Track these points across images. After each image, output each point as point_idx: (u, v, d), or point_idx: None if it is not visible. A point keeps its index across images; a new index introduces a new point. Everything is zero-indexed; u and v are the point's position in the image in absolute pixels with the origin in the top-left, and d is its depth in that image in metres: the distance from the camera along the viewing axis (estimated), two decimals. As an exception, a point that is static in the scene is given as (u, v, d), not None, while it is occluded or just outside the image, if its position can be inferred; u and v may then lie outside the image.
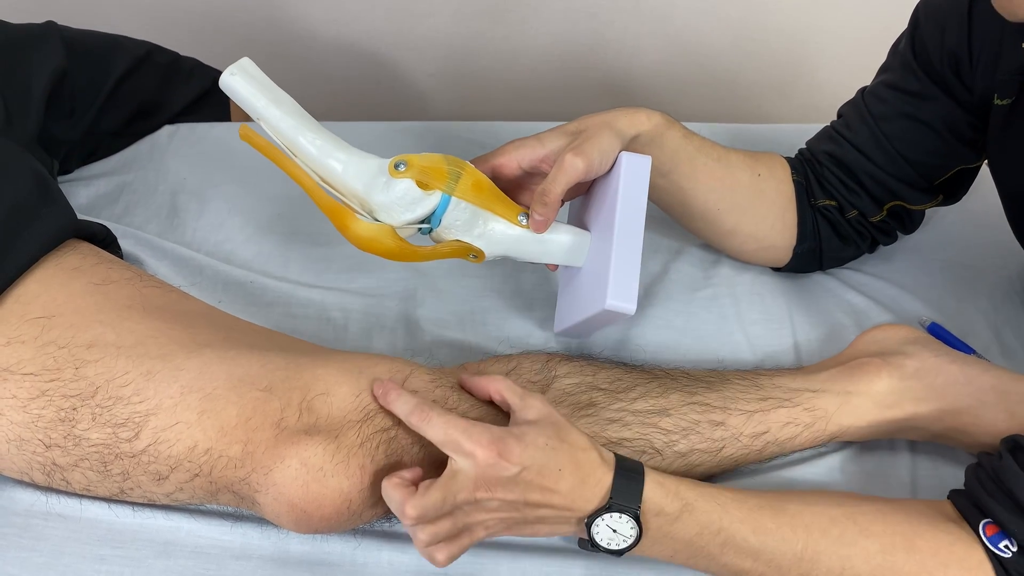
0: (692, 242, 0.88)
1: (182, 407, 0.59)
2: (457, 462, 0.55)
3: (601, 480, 0.56)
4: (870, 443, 0.73)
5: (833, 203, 0.80)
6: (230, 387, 0.60)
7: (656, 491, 0.57)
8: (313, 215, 0.90)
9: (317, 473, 0.57)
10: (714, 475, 0.69)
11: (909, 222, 0.82)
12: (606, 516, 0.56)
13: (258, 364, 0.62)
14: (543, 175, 0.68)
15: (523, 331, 0.81)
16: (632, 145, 0.71)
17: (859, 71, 0.82)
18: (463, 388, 0.64)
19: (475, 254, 0.69)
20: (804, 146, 0.84)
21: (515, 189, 0.72)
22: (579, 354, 0.72)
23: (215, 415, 0.59)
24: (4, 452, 0.62)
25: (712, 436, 0.67)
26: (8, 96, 0.79)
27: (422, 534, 0.56)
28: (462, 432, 0.55)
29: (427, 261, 0.70)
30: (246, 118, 1.15)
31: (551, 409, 0.59)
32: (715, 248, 0.85)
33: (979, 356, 0.77)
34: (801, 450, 0.71)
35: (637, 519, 0.56)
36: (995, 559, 0.56)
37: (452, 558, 0.58)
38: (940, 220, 0.91)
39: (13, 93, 0.81)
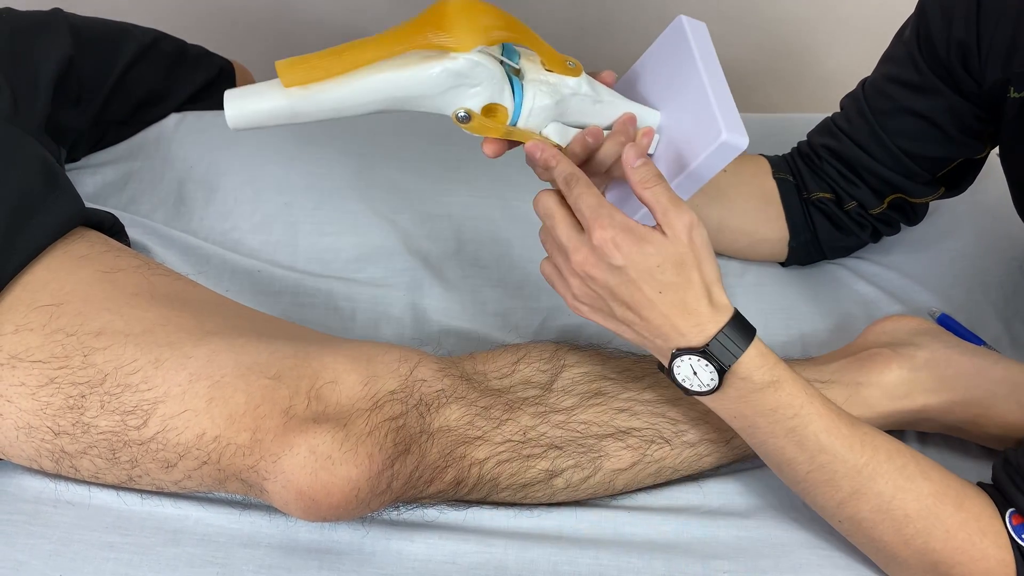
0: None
1: (190, 395, 0.59)
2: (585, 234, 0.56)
3: (703, 325, 0.56)
4: (879, 434, 0.72)
5: (828, 196, 0.79)
6: (238, 375, 0.60)
7: (755, 359, 0.57)
8: (321, 206, 0.90)
9: (326, 461, 0.57)
10: (723, 465, 0.69)
11: (912, 214, 0.82)
12: (694, 358, 0.57)
13: (266, 352, 0.61)
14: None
15: (531, 321, 0.81)
16: None
17: (867, 60, 0.81)
18: (627, 170, 0.58)
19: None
20: (805, 138, 0.83)
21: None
22: (587, 344, 0.72)
23: (223, 403, 0.59)
24: (13, 440, 0.62)
25: (721, 426, 0.67)
26: (15, 84, 0.79)
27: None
28: (592, 209, 0.55)
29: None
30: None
31: (689, 239, 0.56)
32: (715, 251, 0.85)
33: (989, 347, 0.77)
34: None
35: (722, 374, 0.56)
36: (1017, 549, 0.56)
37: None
38: (950, 211, 0.90)
39: (20, 81, 0.80)
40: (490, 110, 0.60)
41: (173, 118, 0.99)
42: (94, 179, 0.93)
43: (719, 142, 0.59)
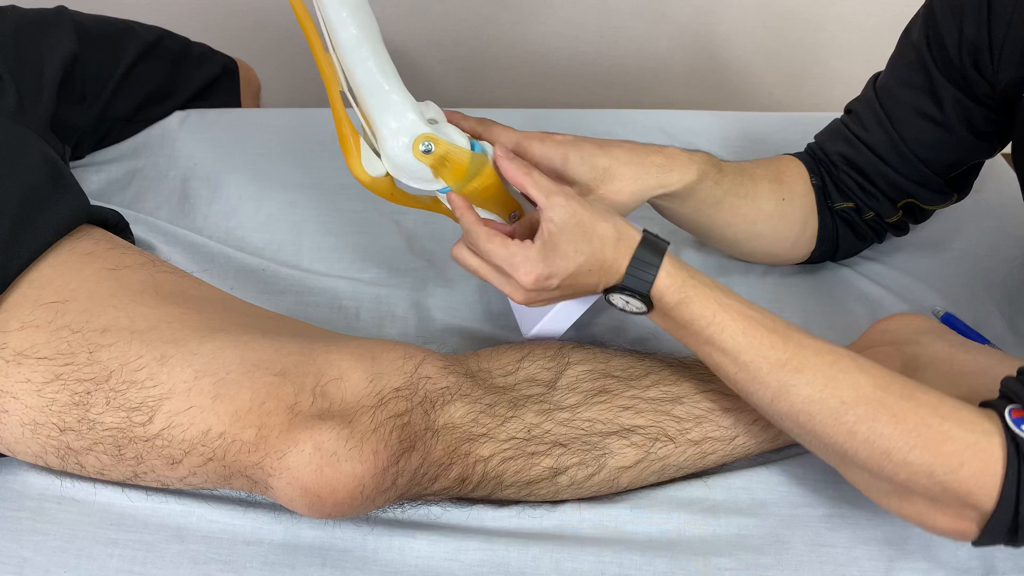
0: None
1: (196, 391, 0.59)
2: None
3: (621, 267, 0.61)
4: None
5: (851, 205, 0.79)
6: (244, 372, 0.60)
7: (664, 280, 0.61)
8: (325, 205, 0.90)
9: (331, 458, 0.57)
10: (727, 463, 0.69)
11: (920, 214, 0.82)
12: (620, 292, 0.62)
13: (271, 349, 0.62)
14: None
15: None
16: (656, 199, 0.71)
17: (871, 59, 0.81)
18: (496, 165, 0.66)
19: (456, 221, 0.69)
20: (813, 140, 0.82)
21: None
22: (591, 341, 0.72)
23: (229, 399, 0.59)
24: (19, 436, 0.62)
25: (725, 424, 0.67)
26: (20, 81, 0.79)
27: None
28: (507, 263, 0.62)
29: (414, 208, 0.70)
30: (256, 105, 1.16)
31: (575, 205, 0.61)
32: (734, 257, 0.85)
33: (993, 346, 0.77)
34: (813, 439, 0.71)
35: (645, 298, 0.61)
36: (1012, 439, 0.53)
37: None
38: (953, 211, 0.90)
39: (25, 79, 0.81)
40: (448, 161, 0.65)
41: (177, 116, 0.99)
42: (98, 177, 0.94)
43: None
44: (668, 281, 0.61)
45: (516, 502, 0.67)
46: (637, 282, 0.61)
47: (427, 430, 0.61)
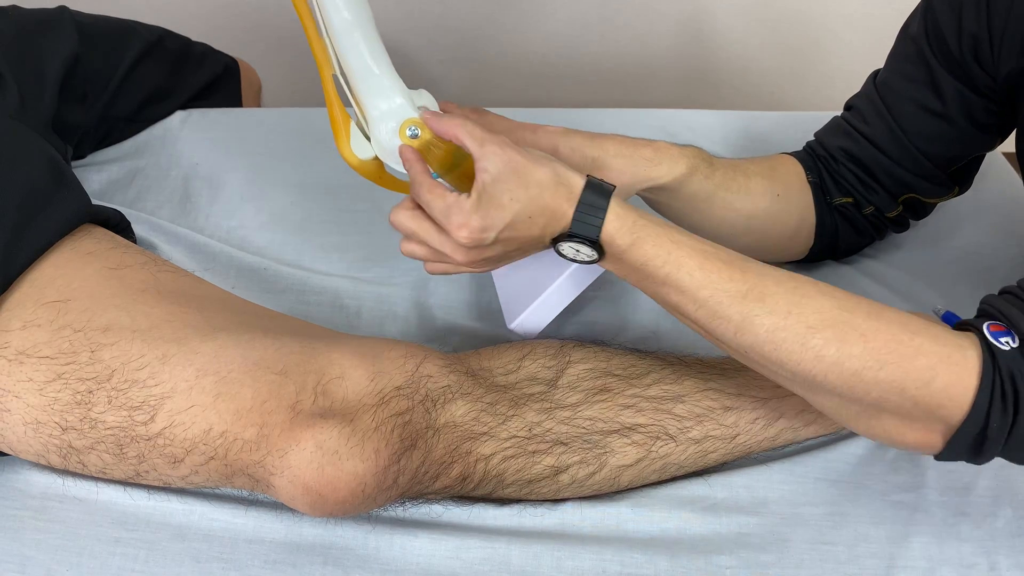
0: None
1: (197, 390, 0.59)
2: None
3: (566, 213, 0.59)
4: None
5: (850, 200, 0.79)
6: (245, 370, 0.60)
7: (613, 223, 0.58)
8: (326, 204, 0.90)
9: (332, 456, 0.57)
10: (728, 462, 0.69)
11: (922, 210, 0.82)
12: (568, 241, 0.59)
13: (273, 348, 0.62)
14: None
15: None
16: (647, 192, 0.71)
17: (872, 57, 0.81)
18: (430, 125, 0.63)
19: None
20: (813, 138, 0.83)
21: None
22: (592, 340, 0.72)
23: (230, 398, 0.59)
24: (21, 435, 0.62)
25: (726, 423, 0.67)
26: (22, 81, 0.80)
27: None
28: (443, 216, 0.59)
29: (404, 194, 0.69)
30: (257, 105, 1.16)
31: (510, 152, 0.59)
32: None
33: (994, 344, 0.77)
34: (816, 437, 0.71)
35: (595, 244, 0.59)
36: (988, 351, 0.53)
37: (447, 272, 0.65)
38: (955, 208, 0.90)
39: (27, 78, 0.81)
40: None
41: (179, 115, 0.99)
42: (100, 176, 0.94)
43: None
44: (618, 223, 0.58)
45: (517, 501, 0.67)
46: (585, 227, 0.58)
47: (428, 428, 0.61)
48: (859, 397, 0.55)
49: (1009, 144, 0.78)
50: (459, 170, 0.65)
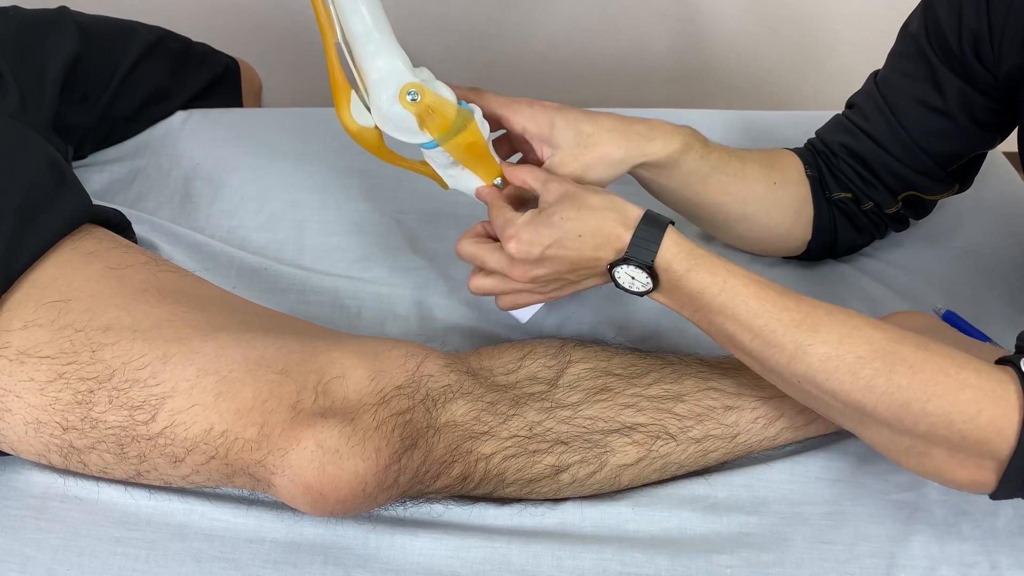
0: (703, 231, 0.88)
1: (198, 389, 0.59)
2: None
3: (621, 236, 0.61)
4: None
5: (848, 195, 0.79)
6: (246, 370, 0.60)
7: (671, 249, 0.61)
8: (327, 204, 0.90)
9: (333, 455, 0.57)
10: (728, 461, 0.69)
11: (922, 208, 0.82)
12: (624, 266, 0.62)
13: (274, 347, 0.62)
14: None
15: (535, 318, 0.81)
16: (638, 169, 0.71)
17: (873, 57, 0.81)
18: (503, 173, 0.69)
19: (442, 185, 0.72)
20: (814, 135, 0.83)
21: (516, 142, 0.73)
22: (593, 340, 0.72)
23: (231, 397, 0.59)
24: (22, 435, 0.63)
25: (726, 422, 0.67)
26: (23, 81, 0.80)
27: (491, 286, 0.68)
28: (499, 228, 0.65)
29: (402, 168, 0.72)
30: (258, 105, 1.16)
31: (569, 184, 0.64)
32: (729, 244, 0.85)
33: (994, 344, 0.77)
34: (816, 436, 0.71)
35: (651, 271, 0.61)
36: None
37: (517, 306, 0.70)
38: (955, 207, 0.90)
39: (27, 78, 0.81)
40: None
41: (179, 116, 0.99)
42: (101, 176, 0.94)
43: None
44: (675, 249, 0.60)
45: (518, 500, 0.67)
46: (642, 251, 0.61)
47: (429, 428, 0.61)
48: (908, 429, 0.56)
49: (1010, 144, 0.78)
50: (460, 138, 0.66)
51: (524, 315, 0.72)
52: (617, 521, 0.66)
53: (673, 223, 0.62)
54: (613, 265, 0.62)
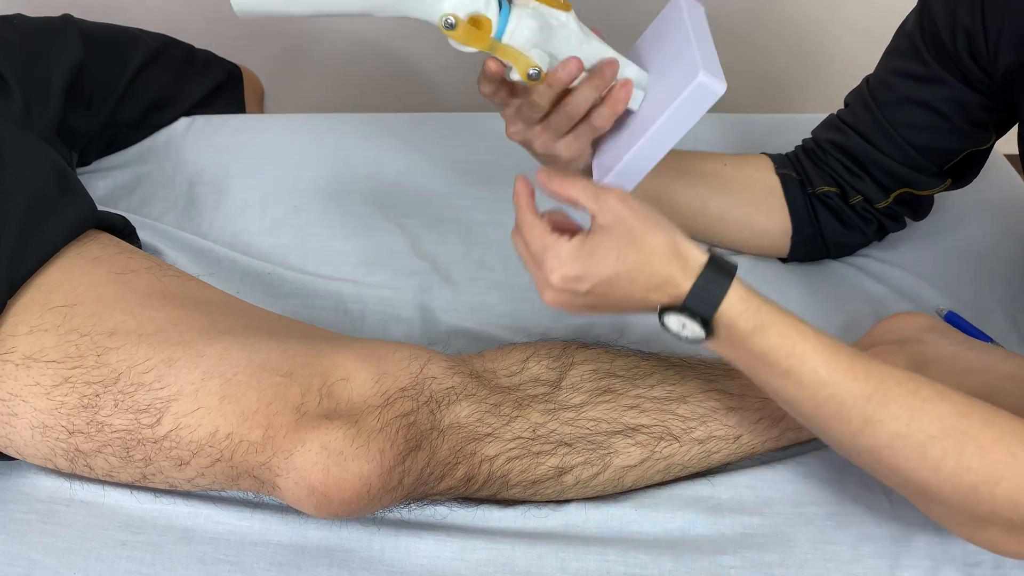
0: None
1: (203, 393, 0.60)
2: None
3: (679, 285, 0.55)
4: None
5: (834, 189, 0.79)
6: (250, 373, 0.60)
7: (736, 306, 0.55)
8: (330, 209, 0.91)
9: (338, 457, 0.58)
10: (732, 462, 0.69)
11: (919, 208, 0.82)
12: (677, 315, 0.56)
13: (278, 350, 0.62)
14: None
15: (539, 321, 0.81)
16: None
17: (873, 61, 0.82)
18: (545, 188, 0.60)
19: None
20: (809, 136, 0.83)
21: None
22: (596, 341, 0.72)
23: (236, 400, 0.59)
24: (28, 439, 0.63)
25: (729, 423, 0.67)
26: (27, 88, 0.80)
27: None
28: (537, 256, 0.57)
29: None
30: (260, 110, 1.17)
31: (627, 209, 0.56)
32: (714, 242, 0.85)
33: (996, 344, 0.77)
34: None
35: (707, 324, 0.56)
36: None
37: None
38: (955, 208, 0.90)
39: (32, 85, 0.81)
40: (476, 22, 0.60)
41: (183, 122, 1.00)
42: (105, 182, 0.94)
43: (696, 82, 0.59)
44: (742, 307, 0.55)
45: (521, 502, 0.67)
46: (702, 304, 0.55)
47: (433, 430, 0.61)
48: (971, 509, 0.54)
49: (1010, 145, 0.78)
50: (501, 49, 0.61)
51: (632, 183, 0.65)
52: (621, 522, 0.67)
53: (736, 268, 0.57)
54: (663, 311, 0.57)
